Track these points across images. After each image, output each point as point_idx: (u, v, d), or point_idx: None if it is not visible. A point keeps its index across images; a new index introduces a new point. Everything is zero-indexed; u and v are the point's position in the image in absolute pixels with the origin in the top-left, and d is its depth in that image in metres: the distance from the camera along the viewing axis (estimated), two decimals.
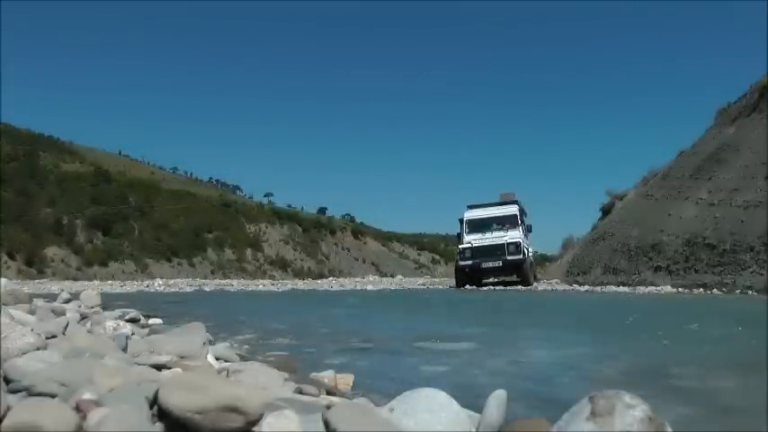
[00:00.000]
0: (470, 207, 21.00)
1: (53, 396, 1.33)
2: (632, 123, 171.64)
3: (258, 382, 1.87)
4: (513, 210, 20.19)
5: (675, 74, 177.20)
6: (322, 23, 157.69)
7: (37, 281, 27.73)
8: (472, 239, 19.42)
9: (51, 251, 37.97)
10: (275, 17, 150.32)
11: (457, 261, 19.41)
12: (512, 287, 17.36)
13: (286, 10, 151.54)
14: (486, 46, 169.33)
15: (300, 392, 1.90)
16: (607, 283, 17.26)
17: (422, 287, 19.68)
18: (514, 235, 19.10)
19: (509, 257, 18.28)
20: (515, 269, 18.51)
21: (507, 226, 19.54)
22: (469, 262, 18.64)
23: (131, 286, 23.03)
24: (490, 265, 18.40)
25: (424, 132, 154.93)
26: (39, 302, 3.78)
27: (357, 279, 31.66)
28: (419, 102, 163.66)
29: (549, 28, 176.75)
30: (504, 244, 18.58)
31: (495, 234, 19.26)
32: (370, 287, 20.19)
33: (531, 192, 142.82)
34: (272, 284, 25.64)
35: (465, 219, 20.45)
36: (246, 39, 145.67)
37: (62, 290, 7.32)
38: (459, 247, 19.74)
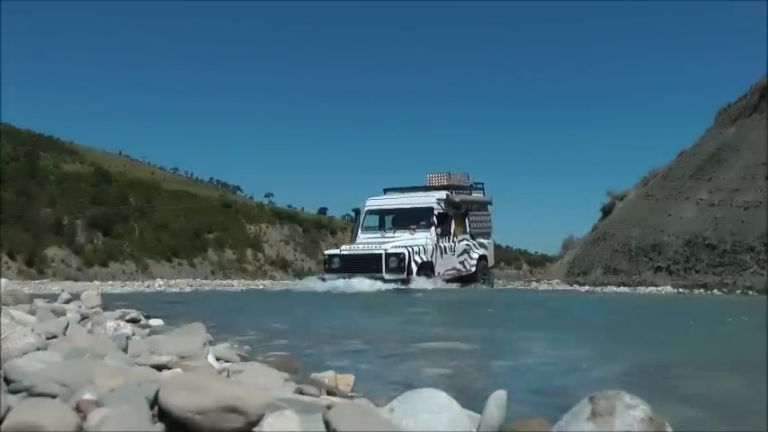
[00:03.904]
0: (386, 191, 16.27)
1: (53, 396, 1.34)
2: (632, 123, 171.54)
3: (258, 383, 1.87)
4: (428, 201, 15.06)
5: (675, 74, 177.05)
6: (322, 25, 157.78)
7: (37, 281, 27.69)
8: (361, 240, 14.85)
9: (52, 251, 37.97)
10: (275, 19, 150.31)
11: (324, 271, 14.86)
12: (507, 288, 17.34)
13: (286, 12, 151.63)
14: (486, 47, 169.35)
15: (301, 393, 1.90)
16: (607, 284, 17.26)
17: (421, 287, 19.49)
18: (418, 239, 14.22)
19: (387, 275, 13.51)
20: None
21: (417, 225, 14.77)
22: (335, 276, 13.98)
23: (132, 286, 23.02)
24: None
25: (423, 134, 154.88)
26: (39, 303, 3.78)
27: None
28: (419, 103, 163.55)
29: (549, 29, 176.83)
30: (380, 255, 13.71)
31: (397, 235, 14.53)
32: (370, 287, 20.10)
33: (531, 192, 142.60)
34: (273, 285, 25.62)
35: (364, 209, 15.68)
36: (247, 40, 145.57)
37: (62, 290, 7.32)
38: (326, 252, 15.11)
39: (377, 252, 13.93)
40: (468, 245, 15.97)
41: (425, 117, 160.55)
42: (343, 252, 14.56)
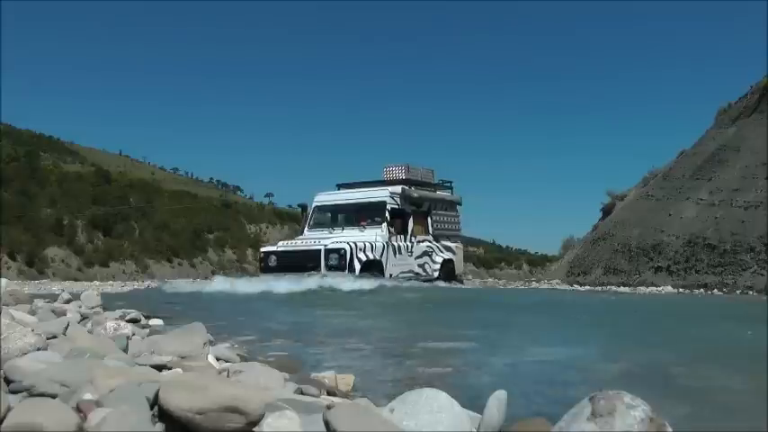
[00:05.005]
0: (339, 186, 15.03)
1: (54, 396, 1.33)
2: (633, 124, 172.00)
3: (259, 383, 1.87)
4: (381, 195, 13.77)
5: (676, 74, 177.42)
6: (321, 30, 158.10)
7: (37, 281, 27.67)
8: (304, 237, 13.82)
9: (52, 251, 37.94)
10: (275, 23, 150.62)
11: (259, 270, 13.62)
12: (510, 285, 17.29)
13: (286, 16, 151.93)
14: (487, 53, 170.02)
15: (301, 393, 1.90)
16: (608, 284, 17.25)
17: (420, 286, 19.41)
18: (366, 236, 13.06)
19: (327, 273, 12.13)
20: None
21: (369, 221, 13.54)
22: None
23: (132, 286, 23.00)
24: None
25: (423, 136, 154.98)
26: (39, 303, 3.78)
27: None
28: (418, 105, 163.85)
29: (550, 32, 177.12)
30: (319, 251, 12.48)
31: (345, 233, 13.38)
32: (369, 286, 20.05)
33: (532, 192, 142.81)
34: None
35: (313, 204, 14.68)
36: (247, 43, 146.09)
37: (63, 290, 7.31)
38: (261, 250, 14.15)
39: (315, 248, 12.63)
40: (429, 247, 14.68)
41: (424, 119, 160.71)
42: (279, 249, 13.30)
